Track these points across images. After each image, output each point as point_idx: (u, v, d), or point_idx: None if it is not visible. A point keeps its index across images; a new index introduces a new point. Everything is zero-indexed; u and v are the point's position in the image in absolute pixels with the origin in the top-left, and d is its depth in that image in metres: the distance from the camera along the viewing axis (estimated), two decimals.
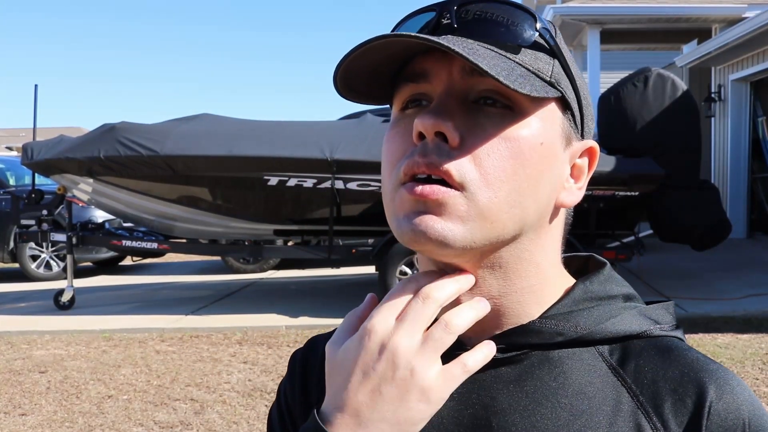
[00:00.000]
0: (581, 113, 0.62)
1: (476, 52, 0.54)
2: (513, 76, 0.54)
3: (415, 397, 0.53)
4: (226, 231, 6.82)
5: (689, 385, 0.58)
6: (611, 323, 0.61)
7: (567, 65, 0.59)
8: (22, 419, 4.02)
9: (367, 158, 5.82)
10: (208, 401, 4.21)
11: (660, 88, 6.26)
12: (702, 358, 0.60)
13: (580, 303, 0.62)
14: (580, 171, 0.63)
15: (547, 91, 0.56)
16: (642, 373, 0.60)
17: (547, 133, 0.58)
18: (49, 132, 10.56)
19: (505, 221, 0.56)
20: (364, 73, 0.58)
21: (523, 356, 0.61)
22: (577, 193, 0.62)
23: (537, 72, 0.57)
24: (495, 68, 0.53)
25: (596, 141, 2.67)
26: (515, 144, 0.55)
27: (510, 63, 0.55)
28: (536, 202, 0.58)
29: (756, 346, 4.89)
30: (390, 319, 0.54)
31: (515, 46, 0.57)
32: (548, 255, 0.62)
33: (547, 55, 0.58)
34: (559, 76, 0.58)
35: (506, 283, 0.60)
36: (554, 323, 0.61)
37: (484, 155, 0.55)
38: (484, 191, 0.55)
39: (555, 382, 0.60)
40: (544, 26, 0.58)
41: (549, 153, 0.58)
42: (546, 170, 0.58)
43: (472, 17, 0.57)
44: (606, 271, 0.66)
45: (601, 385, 0.60)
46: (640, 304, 0.64)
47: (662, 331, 0.62)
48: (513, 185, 0.56)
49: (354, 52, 0.55)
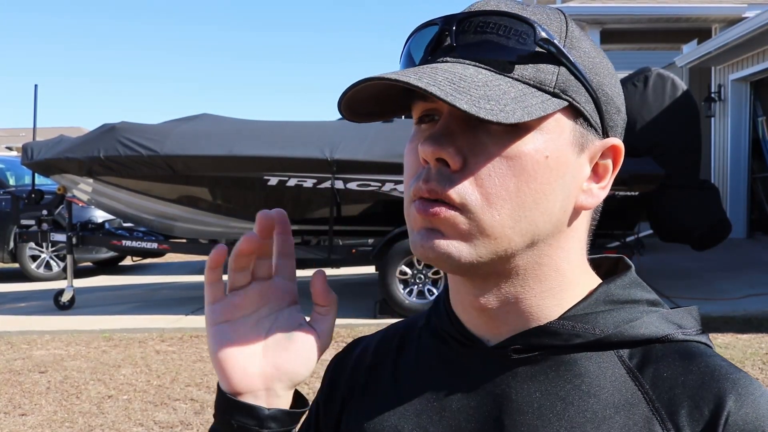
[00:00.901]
0: (600, 112, 0.60)
1: (462, 82, 0.53)
2: (501, 104, 0.53)
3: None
4: (226, 231, 6.81)
5: (708, 393, 0.56)
6: (631, 326, 0.60)
7: (575, 68, 0.58)
8: (22, 419, 4.03)
9: (367, 158, 5.82)
10: (208, 401, 4.21)
11: (660, 88, 6.26)
12: (726, 365, 0.58)
13: (601, 305, 0.61)
14: (604, 170, 0.62)
15: (547, 107, 0.55)
16: (660, 378, 0.58)
17: (553, 146, 0.57)
18: (49, 132, 10.57)
19: (510, 236, 0.57)
20: (369, 99, 0.60)
21: (540, 357, 0.61)
22: (600, 194, 0.62)
23: (539, 85, 0.56)
24: (480, 101, 0.53)
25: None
26: (517, 162, 0.56)
27: (505, 85, 0.55)
28: (546, 214, 0.58)
29: (756, 346, 4.89)
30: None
31: (511, 63, 0.56)
32: (570, 257, 0.62)
33: (551, 65, 0.57)
34: (566, 83, 0.57)
35: (524, 288, 0.60)
36: (572, 325, 0.60)
37: (485, 176, 0.55)
38: (486, 211, 0.56)
39: (570, 384, 0.59)
40: (546, 35, 0.56)
41: (557, 164, 0.57)
42: (554, 181, 0.57)
43: (472, 32, 0.57)
44: (630, 274, 0.65)
45: (616, 389, 0.59)
46: (663, 309, 0.63)
47: (686, 336, 0.61)
48: (517, 202, 0.56)
49: (348, 93, 0.57)
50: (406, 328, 0.74)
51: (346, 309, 6.40)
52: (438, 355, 0.67)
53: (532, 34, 0.56)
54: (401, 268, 5.97)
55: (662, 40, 12.21)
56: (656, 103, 6.23)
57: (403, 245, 5.91)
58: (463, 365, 0.64)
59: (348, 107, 0.60)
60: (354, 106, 0.60)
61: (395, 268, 5.95)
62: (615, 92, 0.62)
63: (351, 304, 6.61)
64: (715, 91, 11.12)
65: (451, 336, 0.65)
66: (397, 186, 5.90)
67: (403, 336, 0.72)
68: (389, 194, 6.00)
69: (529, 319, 0.61)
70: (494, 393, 0.61)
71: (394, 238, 5.95)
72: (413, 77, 0.53)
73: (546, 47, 0.56)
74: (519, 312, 0.61)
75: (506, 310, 0.61)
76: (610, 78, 0.61)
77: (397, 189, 5.93)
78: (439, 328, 0.68)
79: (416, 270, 6.01)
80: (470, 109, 0.52)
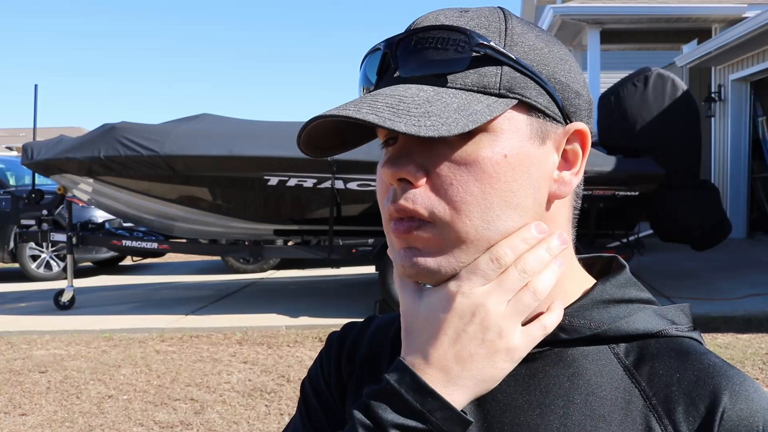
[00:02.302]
0: (555, 100, 0.60)
1: (402, 104, 0.55)
2: (443, 118, 0.54)
3: (502, 358, 0.57)
4: (226, 231, 6.81)
5: (703, 390, 0.57)
6: (626, 322, 0.61)
7: (519, 64, 0.58)
8: (22, 419, 4.02)
9: (367, 158, 5.81)
10: (208, 401, 4.21)
11: (660, 88, 6.26)
12: (720, 362, 0.59)
13: (598, 304, 0.62)
14: (574, 155, 0.62)
15: (493, 110, 0.56)
16: (656, 375, 0.59)
17: (509, 144, 0.58)
18: (49, 132, 10.57)
19: (488, 237, 0.57)
20: (328, 135, 0.61)
21: (538, 354, 0.61)
22: (572, 180, 0.62)
23: (483, 89, 0.57)
24: (420, 119, 0.54)
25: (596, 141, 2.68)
26: (477, 166, 0.56)
27: (448, 97, 0.56)
28: (518, 209, 0.58)
29: (756, 346, 4.89)
30: (480, 285, 0.57)
31: (451, 73, 0.57)
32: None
33: (492, 66, 0.57)
34: (511, 81, 0.58)
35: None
36: (569, 321, 0.61)
37: (448, 185, 0.57)
38: (456, 219, 0.57)
39: (569, 381, 0.60)
40: (481, 41, 0.57)
41: (518, 161, 0.58)
42: (519, 177, 0.58)
43: (413, 50, 0.58)
44: (625, 273, 0.66)
45: (614, 387, 0.60)
46: (656, 306, 0.64)
47: (679, 332, 0.62)
48: (485, 204, 0.57)
49: (301, 134, 0.59)
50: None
51: (346, 309, 6.40)
52: None
53: (466, 41, 0.57)
54: None
55: (662, 40, 12.21)
56: (656, 103, 6.23)
57: None
58: None
59: (309, 145, 0.61)
60: (316, 143, 0.61)
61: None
62: (571, 78, 0.62)
63: (351, 304, 6.61)
64: (715, 91, 11.12)
65: None
66: None
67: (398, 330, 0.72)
68: None
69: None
70: (493, 390, 0.61)
71: None
72: (352, 110, 0.54)
73: (483, 51, 0.57)
74: None
75: None
76: (563, 64, 0.61)
77: None
78: None
79: None
80: (409, 129, 0.53)
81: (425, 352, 0.57)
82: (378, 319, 0.77)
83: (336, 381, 0.73)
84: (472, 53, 0.57)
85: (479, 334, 0.56)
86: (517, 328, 0.57)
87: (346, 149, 0.65)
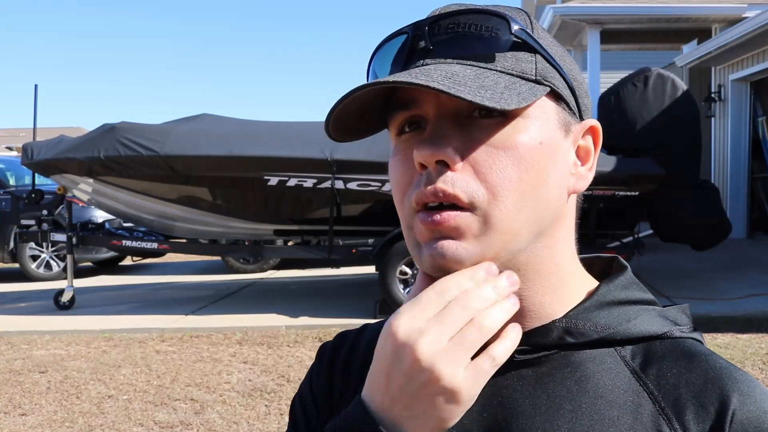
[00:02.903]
0: (574, 95, 0.62)
1: (456, 77, 0.54)
2: (498, 93, 0.54)
3: (443, 399, 0.52)
4: (226, 231, 6.82)
5: (712, 392, 0.57)
6: (632, 324, 0.61)
7: (549, 55, 0.59)
8: (22, 419, 4.03)
9: (367, 158, 5.82)
10: (208, 401, 4.21)
11: (660, 88, 6.26)
12: (726, 365, 0.59)
13: (603, 306, 0.62)
14: (586, 152, 0.63)
15: (535, 92, 0.56)
16: (664, 378, 0.59)
17: (544, 131, 0.58)
18: (49, 132, 10.57)
19: (518, 229, 0.57)
20: (353, 114, 0.60)
21: (544, 358, 0.61)
22: (588, 175, 0.62)
23: (521, 74, 0.57)
24: (479, 91, 0.53)
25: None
26: (515, 151, 0.56)
27: (492, 76, 0.56)
28: (547, 201, 0.58)
29: (756, 346, 4.89)
30: (416, 322, 0.53)
31: (492, 55, 0.57)
32: (566, 249, 0.63)
33: (527, 53, 0.58)
34: (544, 70, 0.58)
35: (526, 285, 0.60)
36: (575, 324, 0.60)
37: (486, 170, 0.55)
38: (493, 204, 0.55)
39: (576, 385, 0.60)
40: (519, 27, 0.58)
41: (550, 149, 0.58)
42: (550, 166, 0.58)
43: (445, 33, 0.57)
44: (628, 274, 0.65)
45: (622, 390, 0.59)
46: (659, 307, 0.64)
47: (682, 333, 0.62)
48: (520, 191, 0.56)
49: (340, 103, 0.56)
50: None
51: (346, 309, 6.40)
52: None
53: (506, 25, 0.57)
54: (401, 268, 5.98)
55: (662, 40, 12.21)
56: (656, 103, 6.23)
57: (403, 245, 5.90)
58: None
59: (336, 124, 0.59)
60: (339, 123, 0.60)
61: (395, 268, 5.95)
62: (581, 78, 0.64)
63: (351, 304, 6.61)
64: (715, 91, 11.12)
65: None
66: None
67: None
68: (389, 194, 5.96)
69: (532, 319, 0.61)
70: (499, 396, 0.60)
71: (395, 238, 5.95)
72: (408, 78, 0.53)
73: (521, 37, 0.58)
74: (522, 312, 0.60)
75: None
76: (574, 65, 0.63)
77: None
78: None
79: (416, 270, 6.00)
80: (474, 98, 0.52)
81: (373, 389, 0.55)
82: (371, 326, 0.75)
83: (326, 393, 0.71)
84: (511, 37, 0.57)
85: (410, 373, 0.52)
86: (460, 366, 0.52)
87: (362, 136, 0.63)
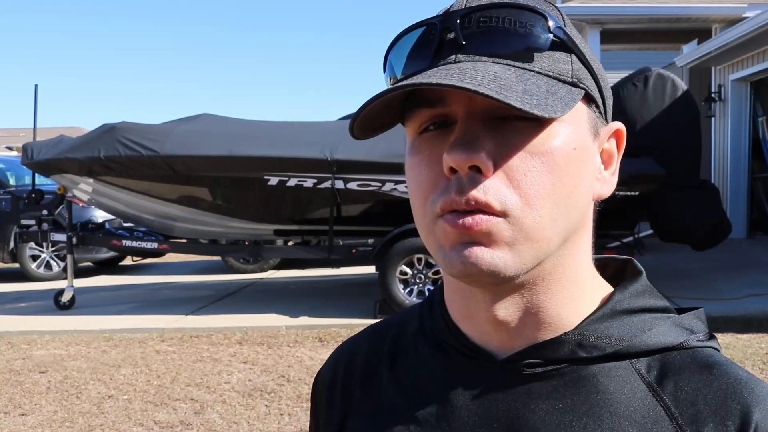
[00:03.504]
0: (602, 96, 0.58)
1: (500, 80, 0.50)
2: (542, 99, 0.50)
3: None
4: (226, 231, 6.82)
5: (733, 407, 0.54)
6: (647, 336, 0.58)
7: (582, 54, 0.56)
8: (22, 419, 4.03)
9: (367, 158, 5.82)
10: (208, 401, 4.21)
11: (660, 88, 6.26)
12: (746, 376, 0.56)
13: (617, 315, 0.59)
14: (609, 156, 0.60)
15: (574, 97, 0.53)
16: (682, 392, 0.56)
17: (577, 136, 0.55)
18: (49, 132, 10.56)
19: (550, 237, 0.54)
20: (377, 111, 0.56)
21: (555, 372, 0.57)
22: (612, 180, 0.60)
23: (558, 76, 0.54)
24: (525, 97, 0.50)
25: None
26: (549, 158, 0.53)
27: (533, 79, 0.52)
28: (577, 207, 0.56)
29: (756, 346, 4.89)
30: None
31: (531, 54, 0.53)
32: (586, 255, 0.60)
33: (563, 53, 0.54)
34: (579, 72, 0.55)
35: (547, 296, 0.57)
36: (588, 336, 0.57)
37: (520, 176, 0.52)
38: (527, 213, 0.52)
39: (589, 400, 0.56)
40: (556, 24, 0.54)
41: (583, 155, 0.55)
42: (582, 172, 0.55)
43: (476, 26, 0.53)
44: (642, 281, 0.62)
45: (637, 405, 0.56)
46: (674, 315, 0.61)
47: (699, 342, 0.59)
48: (554, 199, 0.53)
49: (374, 101, 0.53)
50: (398, 331, 0.69)
51: (346, 309, 6.40)
52: (439, 367, 0.62)
53: (543, 23, 0.53)
54: (401, 268, 5.97)
55: (662, 40, 12.21)
56: (656, 103, 6.23)
57: (403, 245, 5.91)
58: (470, 380, 0.59)
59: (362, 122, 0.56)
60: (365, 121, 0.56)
61: (395, 268, 5.95)
62: (606, 78, 0.60)
63: (351, 304, 6.61)
64: (715, 91, 11.12)
65: (452, 346, 0.61)
66: (398, 186, 5.90)
67: (396, 341, 0.67)
68: (389, 194, 6.00)
69: (546, 330, 0.58)
70: (508, 411, 0.57)
71: (394, 238, 5.95)
72: (454, 80, 0.49)
73: (559, 36, 0.54)
74: (537, 323, 0.57)
75: (525, 322, 0.57)
76: (599, 63, 0.60)
77: (397, 189, 5.93)
78: (437, 337, 0.63)
79: (416, 270, 6.01)
80: (523, 106, 0.48)
81: None
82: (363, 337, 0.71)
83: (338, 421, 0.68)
84: (550, 36, 0.53)
85: None
86: None
87: (378, 133, 0.59)
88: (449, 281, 0.62)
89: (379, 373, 0.66)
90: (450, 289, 0.62)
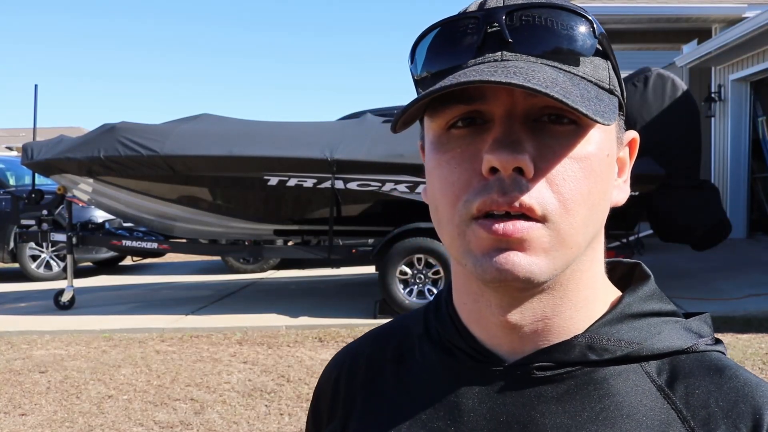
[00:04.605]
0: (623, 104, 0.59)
1: (556, 82, 0.49)
2: (591, 102, 0.50)
3: None
4: (226, 231, 6.82)
5: (744, 409, 0.54)
6: (657, 339, 0.58)
7: (616, 62, 0.56)
8: (22, 419, 4.03)
9: (367, 158, 5.82)
10: (208, 401, 4.21)
11: (660, 88, 6.26)
12: (755, 379, 0.57)
13: (625, 319, 0.58)
14: (623, 163, 0.60)
15: (614, 104, 0.53)
16: (693, 395, 0.56)
17: (609, 142, 0.55)
18: (49, 132, 10.56)
19: (581, 243, 0.54)
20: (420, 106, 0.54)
21: (566, 375, 0.57)
22: (626, 187, 0.60)
23: (599, 83, 0.54)
24: (584, 102, 0.49)
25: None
26: (587, 163, 0.53)
27: (582, 84, 0.52)
28: (603, 213, 0.56)
29: (756, 346, 4.89)
30: None
31: (577, 59, 0.53)
32: (600, 261, 0.60)
33: (601, 59, 0.54)
34: (613, 79, 0.55)
35: (563, 300, 0.57)
36: (598, 339, 0.57)
37: (560, 181, 0.52)
38: (565, 218, 0.52)
39: (600, 403, 0.56)
40: (599, 30, 0.53)
41: (612, 162, 0.56)
42: (609, 179, 0.56)
43: (519, 25, 0.52)
44: (651, 285, 0.62)
45: (649, 409, 0.55)
46: (682, 319, 0.61)
47: (707, 346, 0.59)
48: (588, 205, 0.53)
49: (431, 95, 0.51)
50: (401, 335, 0.68)
51: (346, 309, 6.40)
52: (446, 370, 0.61)
53: (590, 28, 0.53)
54: (401, 268, 5.97)
55: (662, 40, 12.21)
56: (656, 103, 6.23)
57: (403, 245, 5.91)
58: (479, 383, 0.59)
59: (409, 115, 0.54)
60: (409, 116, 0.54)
61: (395, 268, 5.95)
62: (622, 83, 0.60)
63: (351, 304, 6.61)
64: (715, 91, 11.12)
65: (460, 349, 0.60)
66: (397, 186, 5.90)
67: (400, 344, 0.67)
68: (389, 194, 5.99)
69: (558, 334, 0.57)
70: (518, 414, 0.56)
71: (395, 238, 5.95)
72: (518, 79, 0.48)
73: (603, 42, 0.54)
74: (550, 327, 0.57)
75: (537, 326, 0.57)
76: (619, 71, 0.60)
77: (397, 189, 5.93)
78: (444, 339, 0.62)
79: (416, 270, 6.01)
80: (588, 111, 0.48)
81: None
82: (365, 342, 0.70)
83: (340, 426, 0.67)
84: (596, 42, 0.53)
85: None
86: None
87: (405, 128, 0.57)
88: (458, 284, 0.61)
89: (383, 377, 0.65)
90: (459, 292, 0.61)
